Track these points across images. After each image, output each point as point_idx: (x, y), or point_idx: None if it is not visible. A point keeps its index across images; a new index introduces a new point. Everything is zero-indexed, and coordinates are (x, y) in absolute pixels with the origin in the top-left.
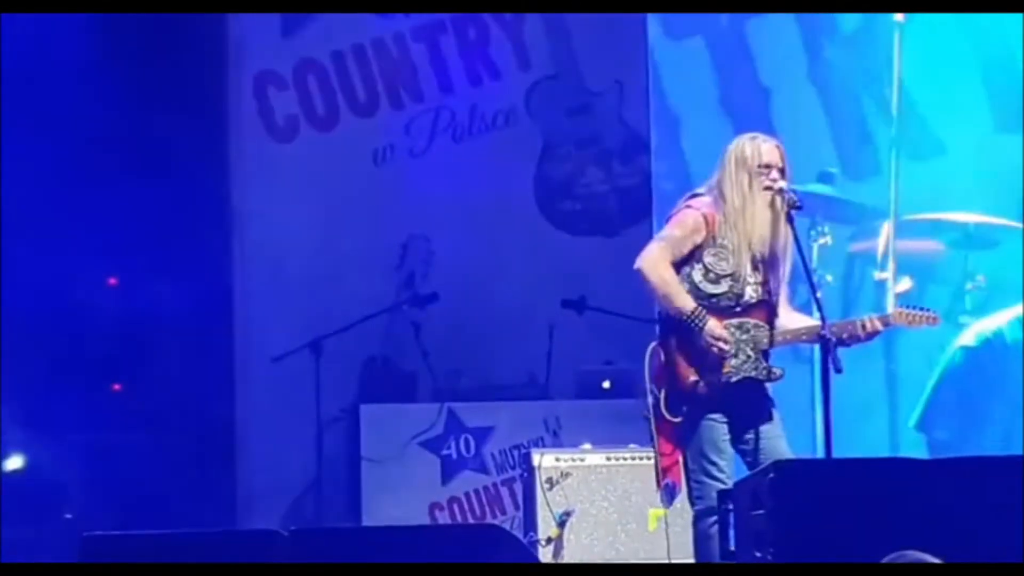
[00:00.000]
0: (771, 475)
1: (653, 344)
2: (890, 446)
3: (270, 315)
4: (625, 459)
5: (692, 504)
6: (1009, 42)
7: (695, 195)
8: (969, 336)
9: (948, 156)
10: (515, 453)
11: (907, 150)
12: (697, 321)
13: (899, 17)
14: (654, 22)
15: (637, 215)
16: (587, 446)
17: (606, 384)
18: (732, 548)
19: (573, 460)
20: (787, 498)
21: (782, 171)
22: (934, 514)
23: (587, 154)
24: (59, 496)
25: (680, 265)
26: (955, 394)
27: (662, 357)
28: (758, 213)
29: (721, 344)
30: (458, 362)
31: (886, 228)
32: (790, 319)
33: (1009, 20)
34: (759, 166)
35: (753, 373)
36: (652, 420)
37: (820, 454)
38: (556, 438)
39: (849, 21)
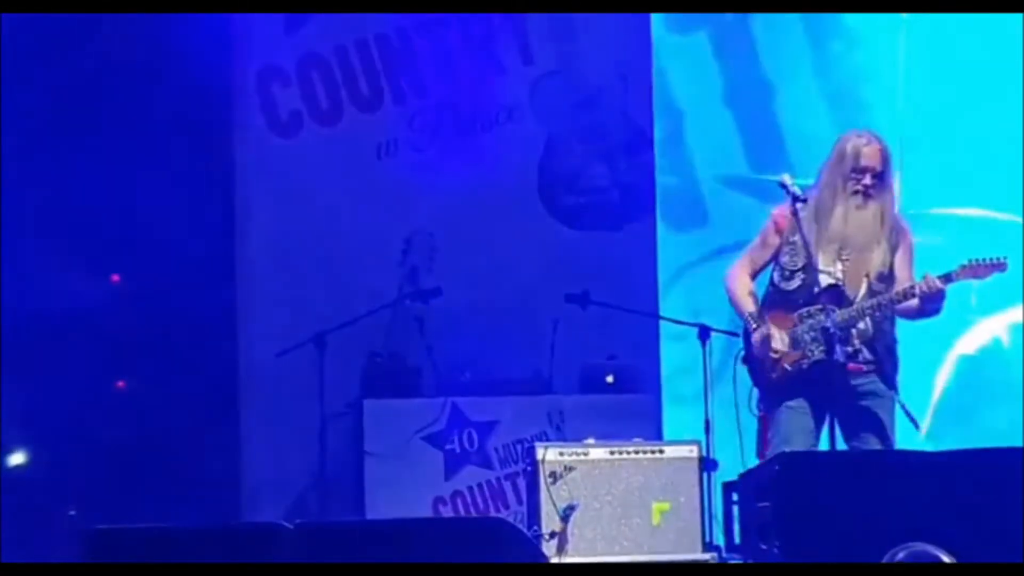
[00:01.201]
0: (776, 467)
1: (738, 351)
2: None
3: (273, 310)
4: (629, 453)
5: None
6: (1012, 35)
7: None
8: (968, 344)
9: (952, 151)
10: (518, 447)
11: (911, 144)
12: (750, 324)
13: None
14: (658, 17)
15: (640, 210)
16: (591, 440)
17: (609, 379)
18: (737, 541)
19: (577, 454)
20: (792, 490)
21: (880, 175)
22: (940, 506)
23: (591, 149)
24: (62, 492)
25: (767, 270)
26: (959, 403)
27: (743, 358)
28: (839, 214)
29: (770, 350)
30: (461, 357)
31: None
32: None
33: (1012, 16)
34: (853, 170)
35: (820, 356)
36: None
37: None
38: (559, 432)
39: (854, 15)
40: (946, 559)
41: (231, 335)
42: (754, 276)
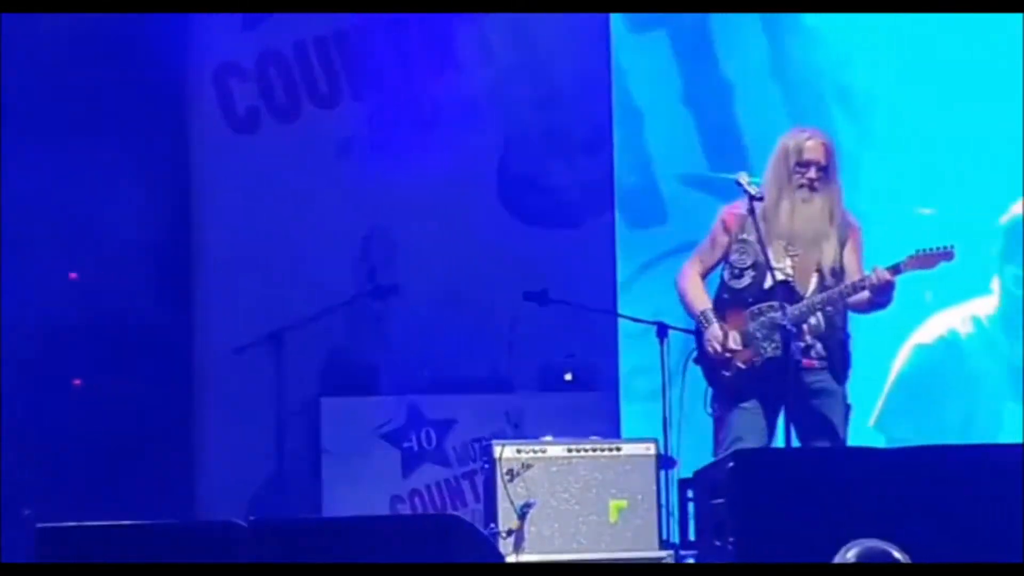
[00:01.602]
0: (731, 464)
1: (691, 351)
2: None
3: (231, 307)
4: (586, 451)
5: None
6: (976, 32)
7: None
8: (924, 334)
9: (910, 149)
10: (476, 445)
11: (869, 143)
12: (702, 323)
13: None
14: (618, 15)
15: (599, 208)
16: (548, 438)
17: (568, 376)
18: (692, 538)
19: (534, 452)
20: (747, 487)
21: (824, 168)
22: (894, 502)
23: (550, 147)
24: (18, 491)
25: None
26: (912, 392)
27: (695, 358)
28: (785, 209)
29: (715, 344)
30: (420, 355)
31: None
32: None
33: (970, 16)
34: (797, 164)
35: (774, 353)
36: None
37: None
38: (517, 430)
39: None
40: (899, 556)
41: (188, 332)
42: (704, 276)
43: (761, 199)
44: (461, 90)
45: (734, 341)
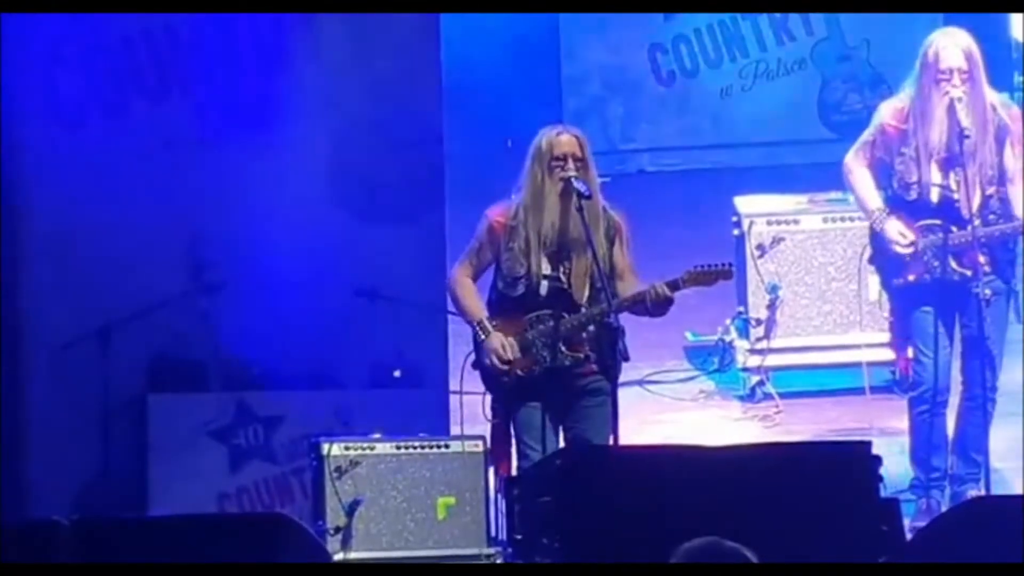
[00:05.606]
0: (558, 462)
1: (468, 352)
2: None
3: (57, 302)
4: (415, 448)
5: None
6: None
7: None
8: None
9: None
10: (305, 442)
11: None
12: (480, 334)
13: None
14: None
15: (431, 205)
16: (377, 435)
17: (397, 373)
18: (519, 536)
19: (362, 449)
20: (573, 485)
21: (581, 161)
22: (728, 501)
23: (381, 142)
24: None
25: (490, 272)
26: None
27: (473, 363)
28: (549, 206)
29: (493, 359)
30: (249, 351)
31: None
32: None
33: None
34: (553, 159)
35: (552, 364)
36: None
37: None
38: (347, 427)
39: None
40: (747, 554)
41: (14, 327)
42: (475, 279)
43: (589, 197)
44: (291, 84)
45: (512, 350)
